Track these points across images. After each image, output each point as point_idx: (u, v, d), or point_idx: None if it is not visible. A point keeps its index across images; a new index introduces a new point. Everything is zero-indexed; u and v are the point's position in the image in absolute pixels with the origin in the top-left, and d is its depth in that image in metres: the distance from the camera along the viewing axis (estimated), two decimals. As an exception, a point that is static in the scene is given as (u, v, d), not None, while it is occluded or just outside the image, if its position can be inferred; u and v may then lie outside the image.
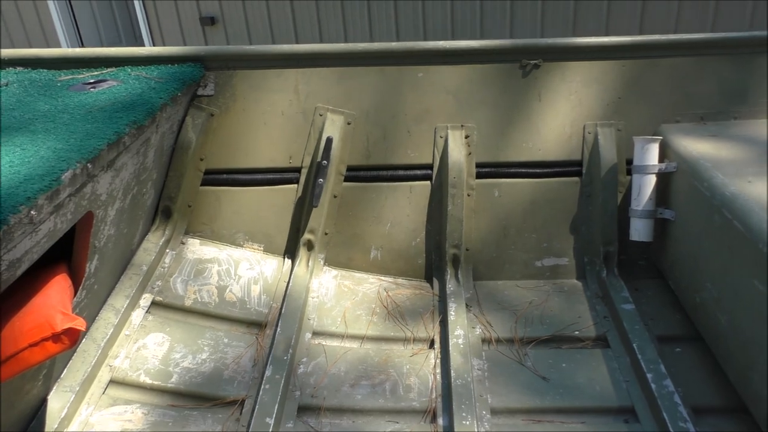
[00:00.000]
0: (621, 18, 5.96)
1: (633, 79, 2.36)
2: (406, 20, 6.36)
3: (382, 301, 2.36)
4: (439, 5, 6.18)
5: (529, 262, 2.47)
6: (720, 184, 1.87)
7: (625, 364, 2.00)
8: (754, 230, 1.65)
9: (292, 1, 6.50)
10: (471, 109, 2.41)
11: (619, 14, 5.95)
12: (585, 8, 5.97)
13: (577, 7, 5.99)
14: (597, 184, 2.38)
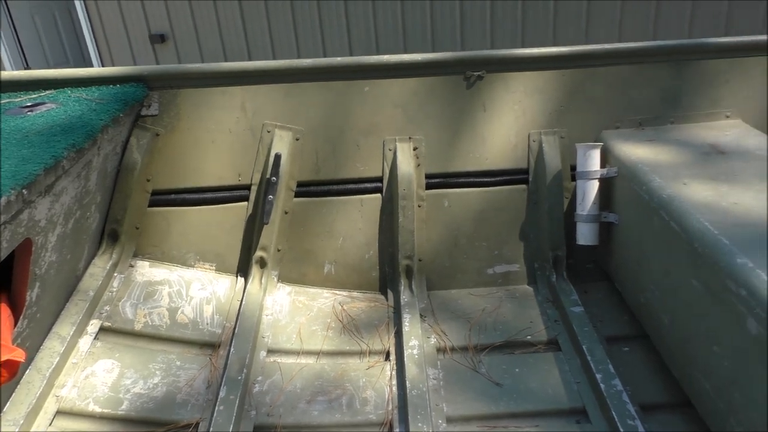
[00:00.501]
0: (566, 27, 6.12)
1: (574, 87, 2.43)
2: (358, 34, 6.41)
3: (337, 316, 2.36)
4: (390, 21, 6.24)
5: (481, 270, 2.51)
6: (657, 188, 1.94)
7: (576, 366, 2.04)
8: (689, 231, 1.71)
9: (244, 18, 6.48)
10: (418, 121, 2.44)
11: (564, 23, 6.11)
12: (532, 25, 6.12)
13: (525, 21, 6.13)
14: (543, 191, 2.44)
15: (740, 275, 1.47)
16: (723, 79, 2.44)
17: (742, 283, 1.46)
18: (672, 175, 1.99)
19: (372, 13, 6.28)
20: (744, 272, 1.47)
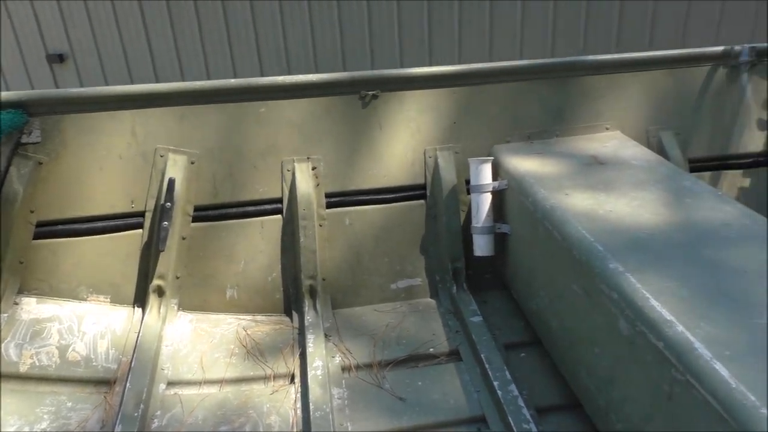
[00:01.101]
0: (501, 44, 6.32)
1: (465, 104, 2.52)
2: (269, 55, 6.36)
3: (241, 341, 2.32)
4: (300, 42, 6.24)
5: (384, 286, 2.54)
6: (542, 198, 2.04)
7: (476, 375, 2.10)
8: (569, 239, 1.81)
9: (149, 37, 6.30)
10: (316, 140, 2.45)
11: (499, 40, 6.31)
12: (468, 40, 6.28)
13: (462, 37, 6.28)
14: (441, 206, 2.50)
15: (612, 279, 1.57)
16: (601, 94, 2.60)
17: (614, 287, 1.55)
18: (555, 186, 2.10)
19: (282, 34, 6.26)
20: (615, 276, 1.57)
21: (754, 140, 2.68)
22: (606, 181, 2.12)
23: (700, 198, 1.93)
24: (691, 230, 1.75)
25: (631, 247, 1.68)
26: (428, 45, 6.31)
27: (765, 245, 1.63)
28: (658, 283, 1.50)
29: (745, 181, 2.68)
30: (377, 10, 6.09)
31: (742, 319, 1.34)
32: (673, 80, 2.62)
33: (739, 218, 1.78)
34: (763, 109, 2.66)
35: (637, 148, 2.41)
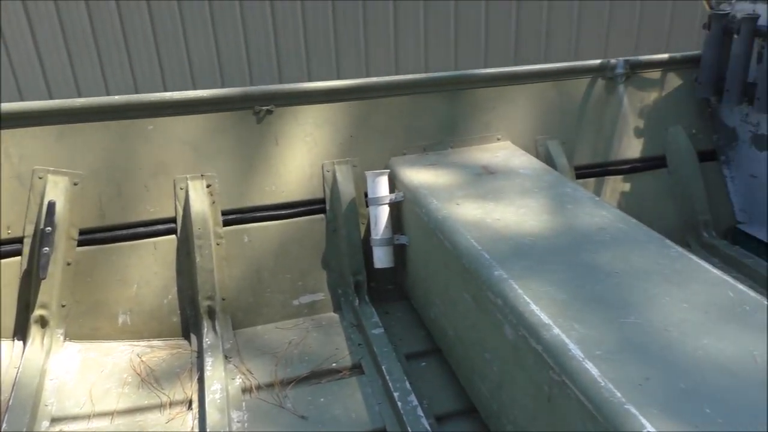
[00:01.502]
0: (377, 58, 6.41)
1: (361, 118, 2.54)
2: (171, 67, 6.16)
3: (135, 369, 2.22)
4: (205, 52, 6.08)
5: (286, 303, 2.51)
6: (434, 209, 2.08)
7: (378, 387, 2.10)
8: (459, 248, 1.85)
9: (40, 53, 5.94)
10: (210, 157, 2.40)
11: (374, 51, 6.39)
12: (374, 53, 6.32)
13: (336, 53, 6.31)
14: (340, 219, 2.51)
15: (497, 286, 1.62)
16: (492, 106, 2.70)
17: (498, 294, 1.60)
18: (447, 197, 2.15)
19: (185, 48, 6.09)
20: (499, 283, 1.62)
21: (632, 147, 2.86)
22: (495, 190, 2.20)
23: (579, 204, 2.03)
24: (570, 235, 1.84)
25: (515, 254, 1.74)
26: (336, 61, 6.33)
27: (635, 247, 1.74)
28: (538, 288, 1.56)
29: (626, 185, 2.85)
30: (282, 26, 6.06)
31: (612, 319, 1.42)
32: (557, 92, 2.76)
33: (613, 222, 1.89)
34: (639, 118, 2.85)
35: (525, 157, 2.51)
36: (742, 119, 2.75)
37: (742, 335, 1.34)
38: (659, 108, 2.86)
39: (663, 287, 1.54)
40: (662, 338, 1.35)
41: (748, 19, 2.49)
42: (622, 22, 6.53)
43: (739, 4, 2.63)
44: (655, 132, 2.87)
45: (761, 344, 1.30)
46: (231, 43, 6.05)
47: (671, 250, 1.71)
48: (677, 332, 1.36)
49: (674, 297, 1.49)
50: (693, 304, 1.46)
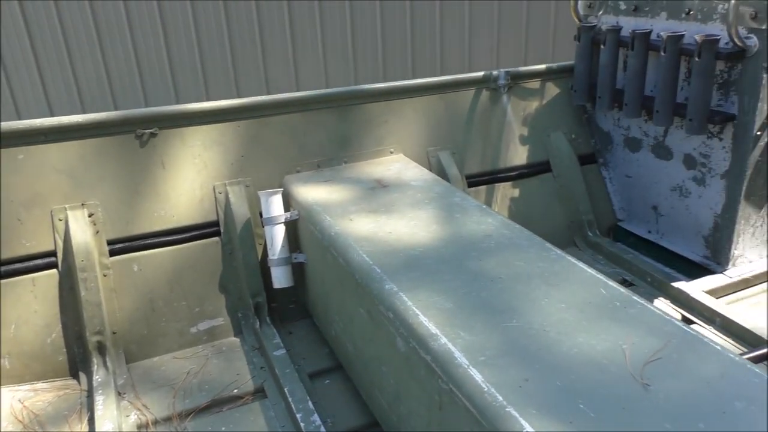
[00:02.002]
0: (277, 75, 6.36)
1: (251, 137, 2.51)
2: (57, 91, 5.82)
3: (16, 416, 2.06)
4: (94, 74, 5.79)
5: (183, 331, 2.42)
6: (327, 226, 2.08)
7: (281, 410, 2.07)
8: (352, 264, 1.86)
9: None
10: (90, 186, 2.28)
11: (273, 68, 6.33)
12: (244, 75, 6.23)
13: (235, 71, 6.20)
14: (236, 241, 2.46)
15: (388, 300, 1.64)
16: (383, 120, 2.74)
17: (390, 307, 1.62)
18: (341, 213, 2.16)
19: (71, 71, 5.78)
20: (390, 296, 1.64)
21: (518, 154, 2.99)
22: (388, 203, 2.23)
23: (467, 213, 2.10)
24: (458, 244, 1.89)
25: (405, 267, 1.77)
26: (235, 81, 6.22)
27: (517, 252, 1.81)
28: (427, 299, 1.59)
29: (515, 191, 2.98)
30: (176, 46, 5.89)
31: (496, 324, 1.47)
32: (445, 104, 2.84)
33: (498, 229, 1.97)
34: (523, 126, 2.99)
35: (417, 169, 2.57)
36: (615, 124, 2.95)
37: (613, 330, 1.42)
38: (541, 115, 3.02)
39: (543, 289, 1.61)
40: (541, 339, 1.41)
41: (612, 31, 2.68)
42: (510, 36, 6.84)
43: (604, 17, 2.83)
44: (538, 138, 3.02)
45: (629, 337, 1.39)
46: (123, 66, 5.82)
47: (551, 253, 1.80)
48: (555, 332, 1.43)
49: (552, 298, 1.57)
50: (569, 303, 1.54)
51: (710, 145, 2.49)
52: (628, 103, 2.65)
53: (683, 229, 2.74)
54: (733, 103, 2.35)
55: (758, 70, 2.23)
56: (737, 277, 2.53)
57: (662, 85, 2.46)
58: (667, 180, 2.76)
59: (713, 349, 1.34)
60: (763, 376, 1.25)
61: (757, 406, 1.17)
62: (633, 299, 1.54)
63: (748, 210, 2.47)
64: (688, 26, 2.42)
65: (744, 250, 2.56)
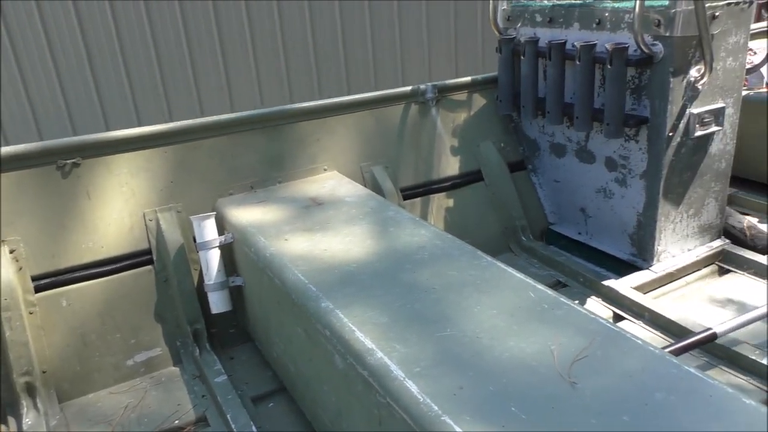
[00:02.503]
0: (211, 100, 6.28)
1: (180, 162, 2.47)
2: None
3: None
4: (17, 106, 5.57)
5: (119, 365, 2.35)
6: (262, 247, 2.07)
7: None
8: (287, 284, 1.86)
9: None
10: (10, 221, 2.20)
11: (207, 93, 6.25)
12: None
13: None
14: (170, 268, 2.41)
15: (324, 318, 1.64)
16: (316, 138, 2.75)
17: (326, 325, 1.62)
18: (275, 233, 2.15)
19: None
20: (326, 314, 1.64)
21: (451, 165, 3.06)
22: (323, 221, 2.23)
23: (401, 226, 2.13)
24: (392, 257, 1.91)
25: (341, 283, 1.78)
26: (167, 105, 6.11)
27: (450, 262, 1.85)
28: (362, 315, 1.60)
29: (449, 201, 3.04)
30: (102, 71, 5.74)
31: (430, 335, 1.50)
32: (376, 119, 2.88)
33: (431, 240, 2.00)
34: (453, 138, 3.06)
35: (351, 185, 2.58)
36: (540, 131, 3.06)
37: (542, 332, 1.47)
38: (470, 126, 3.09)
39: (475, 297, 1.65)
40: (474, 346, 1.44)
41: (530, 42, 2.78)
42: (441, 50, 7.00)
43: (522, 29, 2.93)
44: (468, 149, 3.09)
45: (557, 338, 1.44)
46: (46, 95, 5.63)
47: (482, 261, 1.85)
48: (487, 338, 1.46)
49: (484, 305, 1.61)
50: (500, 309, 1.58)
51: (628, 147, 2.61)
52: (550, 111, 2.75)
53: (610, 229, 2.85)
54: (646, 106, 2.48)
55: (665, 74, 2.36)
56: (662, 272, 2.65)
57: (579, 93, 2.57)
58: (591, 183, 2.87)
59: (635, 344, 1.41)
60: (681, 367, 1.32)
61: (676, 395, 1.23)
62: (560, 301, 1.60)
63: (667, 207, 2.60)
64: (600, 35, 2.55)
65: (666, 245, 2.69)
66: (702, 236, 2.78)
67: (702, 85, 2.44)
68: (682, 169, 2.56)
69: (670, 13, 2.29)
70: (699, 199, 2.69)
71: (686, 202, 2.64)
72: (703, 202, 2.71)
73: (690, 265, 2.71)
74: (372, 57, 6.78)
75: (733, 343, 2.15)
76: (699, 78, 2.41)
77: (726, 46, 2.47)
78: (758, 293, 2.54)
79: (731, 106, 2.59)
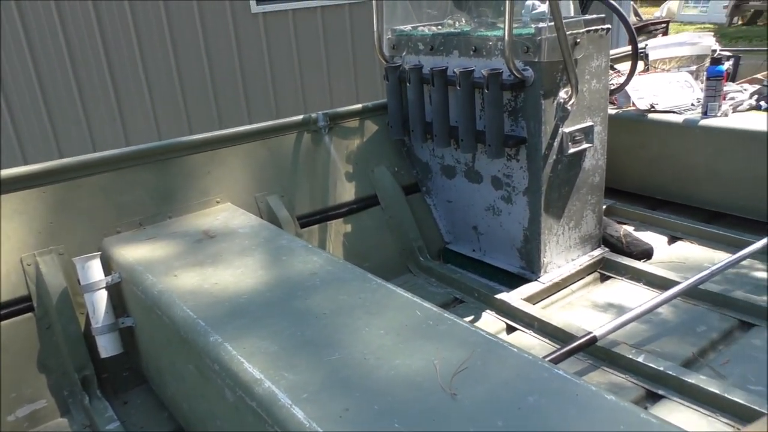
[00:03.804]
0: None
1: (60, 202, 2.37)
2: None
3: None
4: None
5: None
6: (150, 285, 2.01)
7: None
8: (176, 321, 1.81)
9: None
10: None
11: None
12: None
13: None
14: (53, 314, 2.29)
15: (213, 352, 1.62)
16: (207, 170, 2.72)
17: (215, 359, 1.60)
18: (164, 270, 2.10)
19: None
20: (215, 348, 1.62)
21: (347, 191, 3.10)
22: (215, 254, 2.20)
23: (294, 254, 2.14)
24: (284, 286, 1.92)
25: (231, 316, 1.76)
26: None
27: (341, 286, 1.88)
28: (252, 346, 1.60)
29: (347, 227, 3.08)
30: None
31: (320, 360, 1.51)
32: (268, 149, 2.88)
33: (323, 266, 2.02)
34: (347, 164, 3.11)
35: (245, 216, 2.57)
36: (431, 154, 3.17)
37: (426, 348, 1.52)
38: (363, 152, 3.16)
39: (364, 319, 1.68)
40: (362, 368, 1.47)
41: (414, 69, 2.90)
42: (341, 75, 7.12)
43: (407, 57, 3.05)
44: (363, 174, 3.15)
45: (440, 352, 1.50)
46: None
47: (371, 283, 1.89)
48: (374, 359, 1.50)
49: (373, 326, 1.64)
50: (388, 329, 1.62)
51: (510, 166, 2.76)
52: (437, 135, 2.87)
53: (500, 245, 2.99)
54: (523, 127, 2.64)
55: (537, 97, 2.53)
56: (549, 282, 2.81)
57: (462, 116, 2.71)
58: (481, 201, 3.00)
59: (511, 353, 1.49)
60: (552, 370, 1.40)
61: (546, 397, 1.31)
62: (444, 316, 1.66)
63: (550, 221, 2.77)
64: (477, 62, 2.70)
65: (552, 257, 2.85)
66: (583, 246, 2.97)
67: (571, 106, 2.63)
68: (560, 184, 2.74)
69: (536, 40, 2.46)
70: (578, 212, 2.87)
71: (566, 215, 2.82)
72: (582, 215, 2.90)
73: (574, 274, 2.89)
74: (272, 86, 6.79)
75: (613, 344, 2.30)
76: (567, 99, 2.60)
77: (590, 69, 2.68)
78: (635, 296, 2.74)
79: (599, 124, 2.81)
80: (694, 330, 2.46)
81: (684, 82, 3.73)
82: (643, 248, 3.05)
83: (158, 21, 6.03)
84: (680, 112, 3.46)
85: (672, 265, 2.97)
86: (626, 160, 3.61)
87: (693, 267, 2.88)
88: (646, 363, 2.19)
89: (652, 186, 3.65)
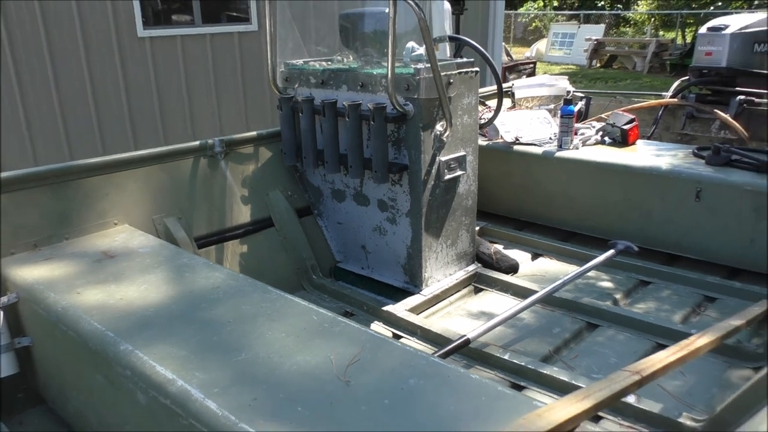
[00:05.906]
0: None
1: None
2: None
3: None
4: None
5: None
6: (53, 303, 2.08)
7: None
8: (83, 334, 1.91)
9: None
10: None
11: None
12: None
13: None
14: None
15: (124, 359, 1.74)
16: (104, 193, 2.78)
17: (127, 365, 1.73)
18: (66, 288, 2.16)
19: None
20: (126, 356, 1.75)
21: (243, 213, 3.27)
22: (116, 272, 2.30)
23: (195, 271, 2.28)
24: (189, 299, 2.07)
25: (139, 327, 1.89)
26: None
27: (243, 298, 2.06)
28: (162, 351, 1.74)
29: (243, 247, 3.24)
30: None
31: (228, 361, 1.69)
32: (166, 173, 3.00)
33: (225, 281, 2.19)
34: (243, 188, 3.28)
35: (143, 237, 2.67)
36: (322, 179, 3.42)
37: (323, 346, 1.75)
38: (258, 177, 3.35)
39: (267, 325, 1.88)
40: (266, 365, 1.67)
41: (306, 101, 3.15)
42: (230, 102, 7.22)
43: (299, 89, 3.30)
44: (258, 198, 3.34)
45: (335, 349, 1.73)
46: None
47: (272, 294, 2.09)
48: (277, 357, 1.70)
49: (275, 330, 1.84)
50: (288, 332, 1.83)
51: (395, 190, 3.07)
52: (328, 161, 3.13)
53: (387, 262, 3.28)
54: (405, 155, 2.96)
55: (417, 129, 2.87)
56: (430, 295, 3.13)
57: (351, 145, 2.99)
58: (369, 223, 3.29)
59: (396, 346, 1.75)
60: (428, 358, 1.68)
61: (424, 379, 1.58)
62: (337, 320, 1.90)
63: (429, 240, 3.10)
64: (364, 96, 3.00)
65: (432, 272, 3.18)
66: (459, 262, 3.33)
67: (446, 138, 2.99)
68: (438, 207, 3.08)
69: (415, 79, 2.80)
70: (454, 232, 3.23)
71: (444, 234, 3.17)
72: (457, 234, 3.26)
73: (451, 287, 3.23)
74: (159, 112, 6.76)
75: (484, 345, 2.64)
76: (443, 131, 2.96)
77: (462, 105, 3.07)
78: (504, 305, 3.12)
79: (471, 154, 3.20)
80: (551, 331, 2.86)
81: (543, 119, 4.27)
82: (511, 263, 3.46)
83: (37, 40, 5.85)
84: (540, 145, 3.97)
85: (534, 277, 3.40)
86: (496, 186, 4.06)
87: (551, 279, 3.32)
88: (511, 360, 2.54)
89: (518, 209, 4.13)
